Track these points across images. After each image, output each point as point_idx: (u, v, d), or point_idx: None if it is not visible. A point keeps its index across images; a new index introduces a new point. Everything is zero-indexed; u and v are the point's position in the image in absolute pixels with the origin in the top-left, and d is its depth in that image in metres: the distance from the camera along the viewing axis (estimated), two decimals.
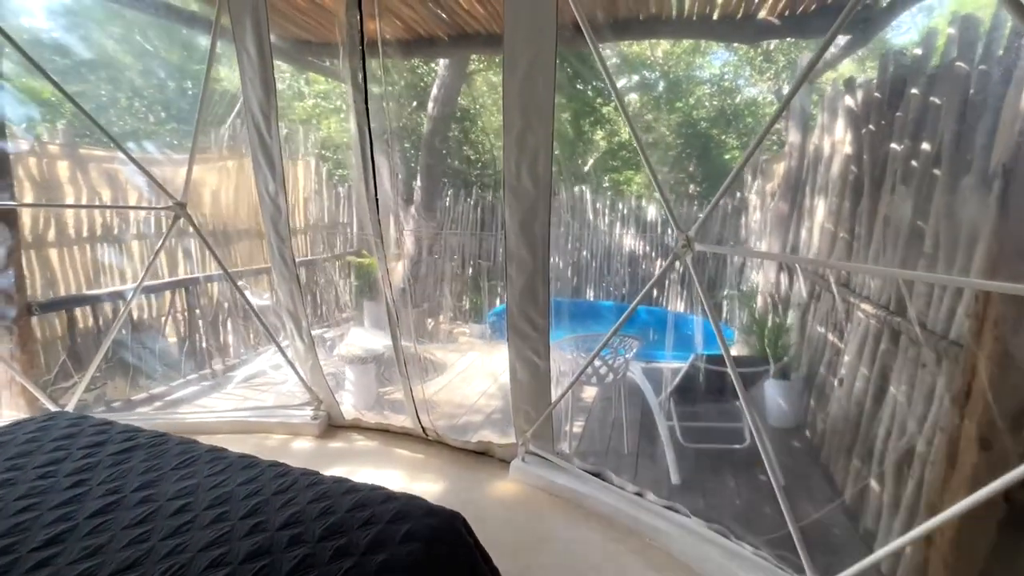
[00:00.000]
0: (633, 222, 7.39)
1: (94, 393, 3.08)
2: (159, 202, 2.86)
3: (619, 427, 3.42)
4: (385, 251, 2.69)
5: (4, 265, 2.83)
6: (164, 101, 4.78)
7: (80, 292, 3.17)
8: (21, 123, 2.72)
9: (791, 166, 4.23)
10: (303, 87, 7.99)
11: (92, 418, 1.76)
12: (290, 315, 2.90)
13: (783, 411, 3.59)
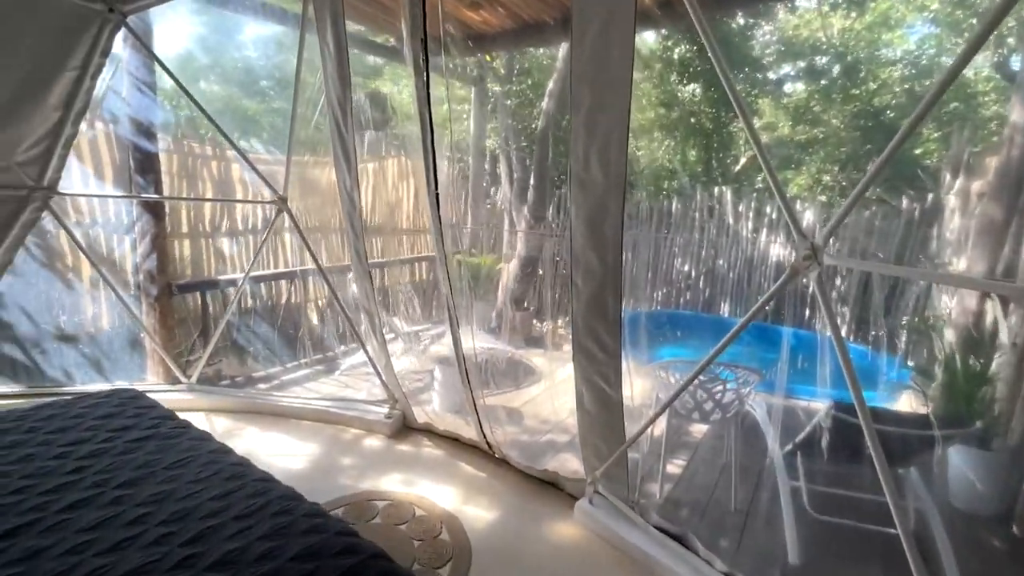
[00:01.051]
0: (783, 228, 6.30)
1: (214, 368, 3.40)
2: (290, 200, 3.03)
3: (728, 477, 2.78)
4: (446, 251, 2.47)
5: (150, 250, 3.23)
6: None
7: (212, 277, 3.54)
8: (166, 126, 3.10)
9: (1011, 157, 3.10)
10: (441, 92, 8.30)
11: (142, 399, 1.81)
12: (365, 312, 2.85)
13: (976, 491, 2.61)
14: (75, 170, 3.04)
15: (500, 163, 5.65)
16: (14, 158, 2.87)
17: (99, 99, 2.94)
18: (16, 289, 3.12)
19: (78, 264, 3.13)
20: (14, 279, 3.10)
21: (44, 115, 2.85)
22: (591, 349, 1.97)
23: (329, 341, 3.31)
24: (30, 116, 2.82)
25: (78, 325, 3.22)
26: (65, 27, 2.70)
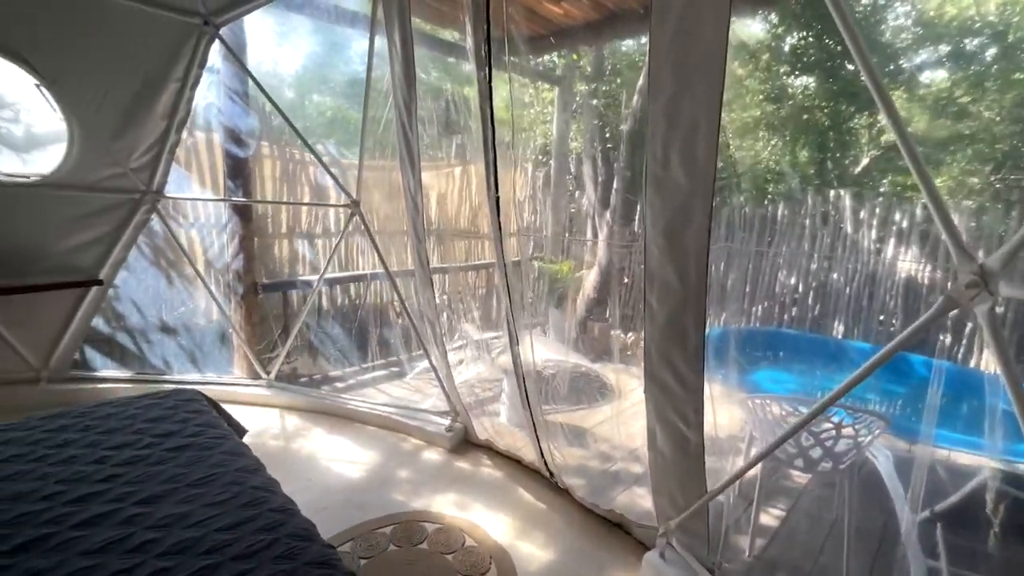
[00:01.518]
0: (917, 239, 5.37)
1: (290, 366, 3.49)
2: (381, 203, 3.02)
3: (839, 538, 2.29)
4: (505, 258, 2.26)
5: (238, 250, 3.37)
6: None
7: (294, 277, 3.65)
8: (272, 133, 3.23)
9: None
10: (531, 96, 8.15)
11: (195, 403, 1.79)
12: (427, 319, 2.72)
13: None
14: (176, 174, 3.25)
15: (584, 166, 5.36)
16: (129, 164, 3.11)
17: (197, 108, 3.11)
18: (129, 284, 3.40)
19: (179, 262, 3.35)
20: (127, 274, 3.39)
21: (153, 124, 3.06)
22: (666, 381, 1.66)
23: (397, 345, 3.26)
24: (142, 125, 3.04)
25: (177, 319, 3.45)
26: (169, 41, 2.87)
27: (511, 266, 2.37)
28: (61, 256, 3.19)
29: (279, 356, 3.37)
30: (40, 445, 1.44)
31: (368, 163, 2.87)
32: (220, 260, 3.37)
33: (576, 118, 5.61)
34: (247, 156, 3.16)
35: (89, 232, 3.19)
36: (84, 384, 3.33)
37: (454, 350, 3.79)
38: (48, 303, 3.24)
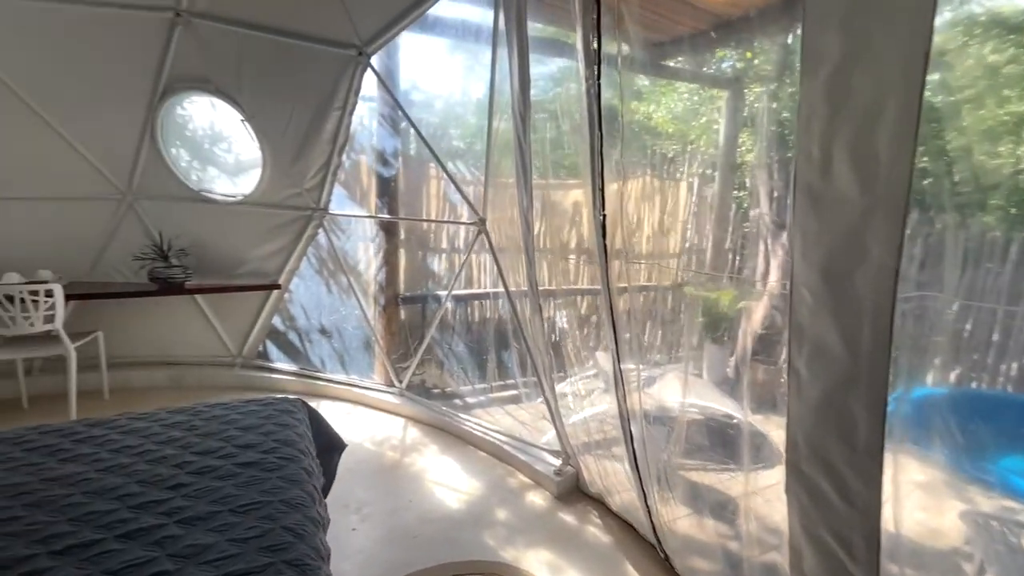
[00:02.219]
0: None
1: (420, 377, 3.55)
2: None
3: None
4: (610, 285, 1.87)
5: (383, 263, 3.56)
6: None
7: (431, 291, 3.73)
8: (397, 153, 3.38)
9: None
10: (701, 106, 7.39)
11: (292, 414, 1.81)
12: (538, 349, 2.46)
13: None
14: (337, 193, 3.57)
15: (758, 180, 4.55)
16: (304, 185, 3.50)
17: (353, 132, 3.38)
18: (300, 290, 3.85)
19: (337, 272, 3.67)
20: (299, 281, 3.84)
21: (321, 149, 3.40)
22: (818, 487, 1.12)
23: (514, 369, 3.07)
24: (312, 150, 3.40)
25: (332, 323, 3.79)
26: (332, 73, 3.16)
27: (633, 291, 1.99)
28: (255, 262, 3.74)
29: (411, 367, 3.45)
30: (150, 439, 1.56)
31: (495, 180, 2.75)
32: (367, 272, 3.60)
33: (749, 126, 4.81)
34: (392, 175, 3.33)
35: (274, 243, 3.68)
36: (264, 372, 3.85)
37: (586, 378, 3.46)
38: (244, 301, 3.82)
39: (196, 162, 3.69)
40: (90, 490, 1.29)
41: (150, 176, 3.58)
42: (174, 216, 3.68)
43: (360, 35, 2.99)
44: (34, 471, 1.36)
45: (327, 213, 3.56)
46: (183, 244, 3.66)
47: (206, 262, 3.73)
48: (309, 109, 3.27)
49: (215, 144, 3.69)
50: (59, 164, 3.39)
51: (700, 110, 5.74)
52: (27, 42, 3.06)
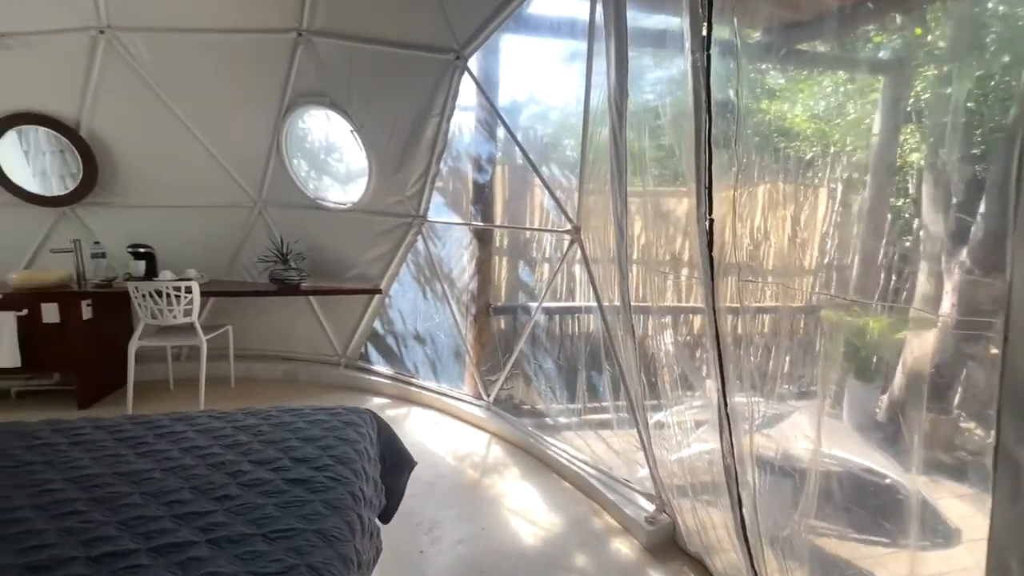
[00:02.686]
0: None
1: (507, 392, 3.37)
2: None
3: None
4: (716, 303, 1.49)
5: (475, 272, 3.46)
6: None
7: (522, 303, 3.54)
8: (492, 159, 3.24)
9: None
10: (848, 100, 6.39)
11: (355, 428, 1.72)
12: (631, 372, 2.12)
13: None
14: (435, 200, 3.55)
15: (924, 183, 3.68)
16: (405, 192, 3.54)
17: (450, 139, 3.32)
18: (398, 295, 3.91)
19: (432, 279, 3.65)
20: (398, 287, 3.90)
21: (421, 156, 3.40)
22: None
23: (606, 392, 2.75)
24: (413, 158, 3.42)
25: (426, 330, 3.78)
26: (431, 80, 3.14)
27: (749, 312, 1.61)
28: (361, 267, 3.87)
29: (499, 381, 3.29)
30: (218, 441, 1.56)
31: (590, 186, 2.49)
32: (461, 280, 3.53)
33: (915, 120, 3.94)
34: (487, 181, 3.22)
35: (378, 249, 3.78)
36: (364, 374, 3.97)
37: (692, 409, 3.02)
38: (350, 303, 3.98)
39: (313, 172, 3.93)
40: (149, 491, 1.28)
41: (276, 185, 3.89)
42: (294, 222, 3.95)
43: (457, 37, 2.93)
44: (111, 463, 1.41)
45: (425, 220, 3.57)
46: (301, 248, 3.92)
47: (320, 265, 3.96)
48: (410, 117, 3.30)
49: (329, 154, 3.90)
50: (206, 176, 3.82)
51: (847, 104, 4.87)
52: (183, 70, 3.48)
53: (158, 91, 3.49)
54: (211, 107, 3.61)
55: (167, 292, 3.32)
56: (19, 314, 3.35)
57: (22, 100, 3.47)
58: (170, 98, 3.53)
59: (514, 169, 3.17)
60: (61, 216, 3.81)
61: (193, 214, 3.94)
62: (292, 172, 3.80)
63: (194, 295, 3.39)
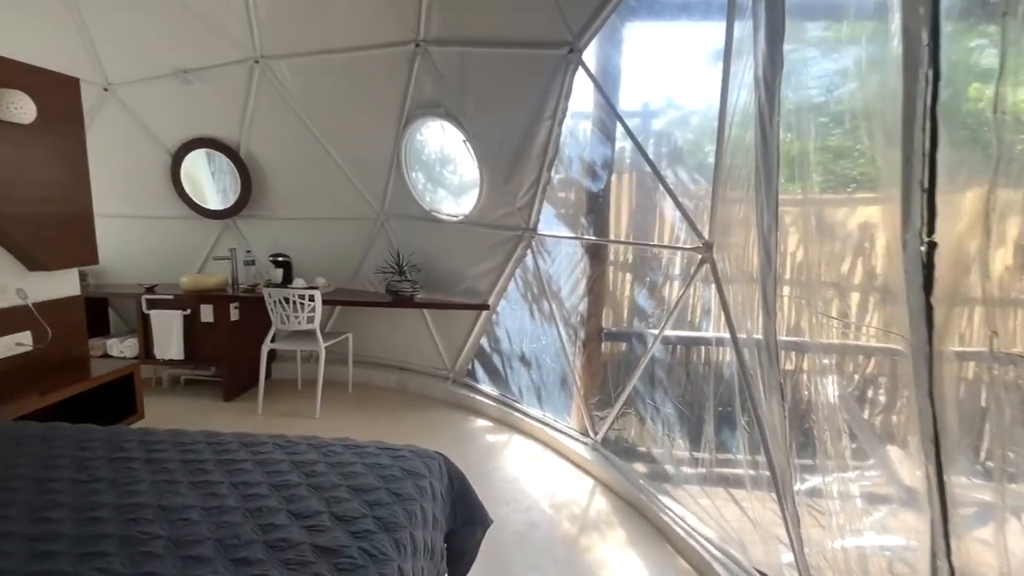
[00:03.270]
0: None
1: (617, 432, 2.89)
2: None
3: None
4: (932, 345, 0.90)
5: (586, 291, 3.05)
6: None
7: (639, 329, 3.03)
8: (608, 165, 2.78)
9: None
10: None
11: (417, 479, 1.46)
12: (772, 422, 1.55)
13: None
14: (545, 212, 3.23)
15: None
16: (516, 204, 3.30)
17: (562, 145, 2.97)
18: (505, 312, 3.66)
19: (540, 297, 3.34)
20: (506, 303, 3.66)
21: (532, 165, 3.12)
22: None
23: (738, 445, 2.14)
24: (524, 167, 3.15)
25: (532, 352, 3.47)
26: (542, 80, 2.83)
27: (985, 360, 1.01)
28: (471, 281, 3.73)
29: (608, 418, 2.85)
30: (271, 478, 1.41)
31: (727, 195, 1.96)
32: (570, 299, 3.16)
33: None
34: (601, 190, 2.81)
35: (487, 263, 3.59)
36: (470, 392, 3.80)
37: (864, 481, 2.26)
38: (460, 318, 3.86)
39: (429, 184, 3.89)
40: (180, 536, 1.16)
41: (396, 198, 3.93)
42: (410, 234, 3.96)
43: (570, 26, 2.59)
44: (163, 491, 1.33)
45: (535, 233, 3.28)
46: (416, 260, 3.90)
47: (433, 277, 3.90)
48: (521, 123, 3.04)
49: (444, 166, 3.83)
50: (337, 190, 4.01)
51: None
52: (317, 91, 3.67)
53: (299, 112, 3.74)
54: (341, 124, 3.76)
55: (293, 299, 3.50)
56: (184, 313, 3.80)
57: (199, 127, 3.96)
58: (308, 118, 3.76)
59: (634, 176, 2.72)
60: (225, 227, 4.29)
61: (326, 226, 4.17)
62: (410, 184, 3.80)
63: (316, 303, 3.52)
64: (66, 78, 2.42)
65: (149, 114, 3.88)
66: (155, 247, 4.24)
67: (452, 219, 3.70)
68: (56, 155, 2.39)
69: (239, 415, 3.58)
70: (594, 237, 2.94)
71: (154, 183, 4.06)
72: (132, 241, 4.20)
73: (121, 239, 4.14)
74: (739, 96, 1.83)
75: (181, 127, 3.94)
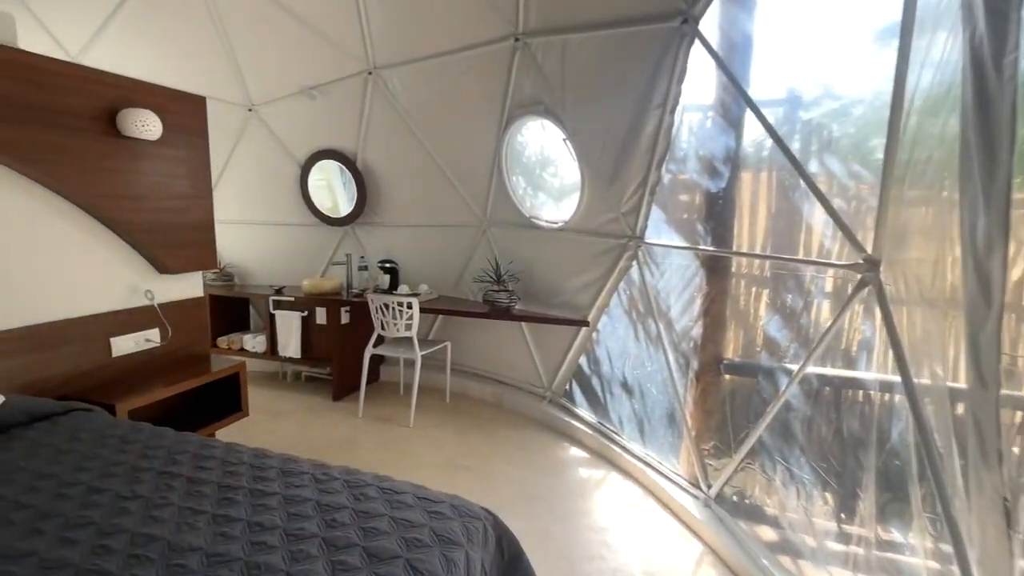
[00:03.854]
0: None
1: (736, 489, 2.31)
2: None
3: None
4: None
5: (701, 312, 2.52)
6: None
7: (772, 362, 2.38)
8: (733, 159, 2.19)
9: None
10: None
11: (436, 555, 1.19)
12: (968, 495, 0.97)
13: None
14: (654, 217, 2.76)
15: None
16: (620, 208, 2.90)
17: (674, 137, 2.48)
18: (607, 331, 3.25)
19: (647, 316, 2.87)
20: (607, 321, 3.24)
21: (639, 162, 2.69)
22: None
23: (907, 517, 1.48)
24: (629, 165, 2.74)
25: (635, 378, 3.00)
26: (651, 58, 2.39)
27: None
28: (569, 294, 3.39)
29: (726, 471, 2.31)
30: (284, 524, 1.24)
31: (902, 196, 1.37)
32: (682, 321, 2.65)
33: None
34: (724, 190, 2.27)
35: (587, 274, 3.23)
36: (567, 415, 3.46)
37: None
38: (558, 333, 3.54)
39: (529, 188, 3.64)
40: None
41: (497, 204, 3.75)
42: (510, 242, 3.75)
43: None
44: (179, 523, 1.23)
45: (642, 242, 2.83)
46: (515, 269, 3.68)
47: (532, 288, 3.65)
48: (627, 114, 2.63)
49: (544, 168, 3.55)
50: (443, 196, 3.96)
51: None
52: (422, 98, 3.65)
53: (407, 120, 3.76)
54: (445, 130, 3.70)
55: (393, 306, 3.49)
56: (302, 315, 4.04)
57: (322, 139, 4.20)
58: (414, 125, 3.76)
59: (770, 174, 2.15)
60: (345, 233, 4.51)
61: (432, 232, 4.16)
62: (510, 189, 3.59)
63: (413, 311, 3.47)
64: (193, 96, 2.63)
65: (283, 130, 4.21)
66: (288, 252, 4.61)
67: (552, 226, 3.41)
68: (182, 168, 2.59)
69: (342, 416, 3.68)
70: (713, 248, 2.41)
71: (287, 193, 4.40)
72: (270, 246, 4.61)
73: (262, 244, 4.58)
74: (922, 77, 1.29)
75: (308, 140, 4.22)
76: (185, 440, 1.67)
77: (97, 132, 2.21)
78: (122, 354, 2.44)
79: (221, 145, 4.26)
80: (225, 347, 4.34)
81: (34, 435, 1.64)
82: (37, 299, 2.10)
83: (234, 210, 4.49)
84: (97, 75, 2.19)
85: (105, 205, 2.28)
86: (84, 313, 2.29)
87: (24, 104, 1.95)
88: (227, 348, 4.34)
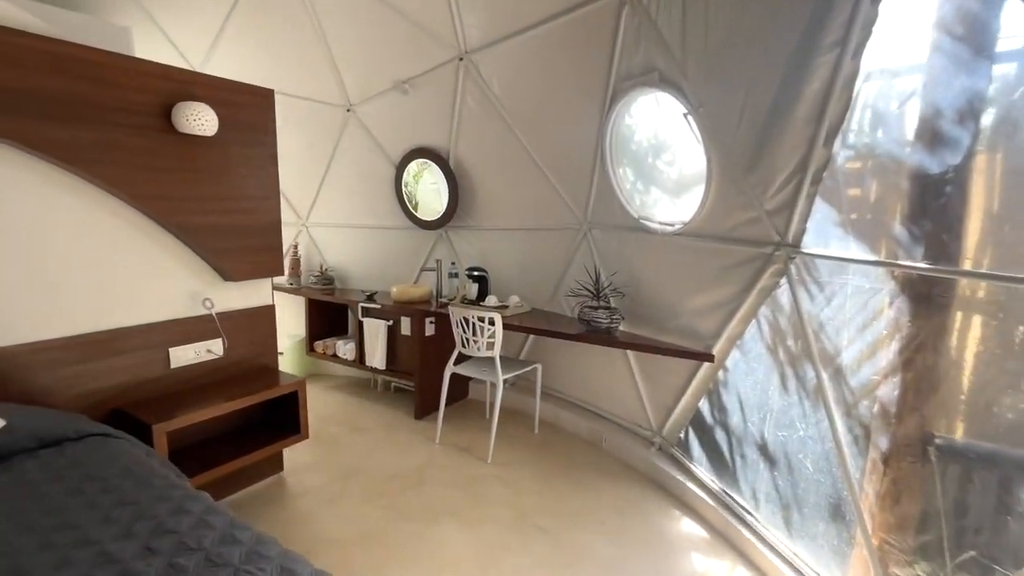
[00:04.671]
0: None
1: None
2: None
3: None
4: None
5: (896, 362, 1.65)
6: None
7: (1012, 449, 1.42)
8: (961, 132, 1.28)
9: None
10: None
11: None
12: None
13: None
14: (818, 218, 1.92)
15: None
16: (764, 205, 2.12)
17: (856, 96, 1.63)
18: (739, 370, 2.44)
19: (801, 357, 2.04)
20: (739, 356, 2.43)
21: (794, 139, 1.90)
22: None
23: None
24: (779, 144, 1.96)
25: (780, 441, 2.16)
26: None
27: None
28: (687, 317, 2.66)
29: None
30: None
31: None
32: (859, 370, 1.78)
33: None
34: (948, 175, 1.40)
35: (712, 294, 2.48)
36: (679, 472, 2.72)
37: None
38: (672, 365, 2.82)
39: (639, 183, 2.96)
40: None
41: (600, 203, 3.15)
42: (614, 248, 3.11)
43: None
44: None
45: (798, 252, 2.01)
46: (618, 282, 3.04)
47: (640, 306, 2.97)
48: (778, 68, 1.86)
49: (658, 156, 2.84)
50: (539, 196, 3.47)
51: None
52: (515, 80, 3.19)
53: (499, 108, 3.33)
54: (540, 116, 3.20)
55: (473, 321, 3.07)
56: (388, 324, 3.82)
57: (415, 137, 3.96)
58: (508, 114, 3.32)
59: None
60: (439, 237, 4.24)
61: (526, 237, 3.69)
62: (615, 183, 2.96)
63: (496, 328, 3.02)
64: (259, 89, 2.45)
65: (379, 129, 4.05)
66: (384, 255, 4.47)
67: (666, 228, 2.70)
68: (243, 166, 2.42)
69: (419, 440, 3.35)
70: (925, 264, 1.54)
71: (383, 195, 4.25)
72: (368, 249, 4.51)
73: (361, 248, 4.50)
74: None
75: (401, 139, 4.01)
76: (212, 512, 1.27)
77: (154, 129, 2.08)
78: (180, 365, 2.32)
79: (323, 147, 4.24)
80: (321, 352, 4.31)
81: (31, 464, 1.45)
82: (90, 306, 2.02)
83: (335, 212, 4.47)
84: (151, 67, 2.06)
85: (163, 207, 2.15)
86: (141, 321, 2.18)
87: (79, 101, 1.86)
88: (322, 353, 4.31)
